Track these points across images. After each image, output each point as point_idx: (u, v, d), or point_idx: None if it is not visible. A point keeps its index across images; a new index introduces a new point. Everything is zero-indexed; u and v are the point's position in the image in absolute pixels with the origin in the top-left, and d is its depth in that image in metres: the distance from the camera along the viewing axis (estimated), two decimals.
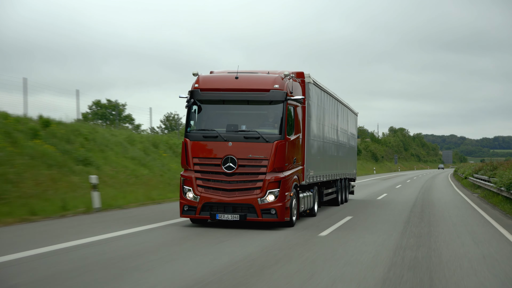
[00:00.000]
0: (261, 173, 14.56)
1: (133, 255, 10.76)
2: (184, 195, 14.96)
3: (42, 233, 13.38)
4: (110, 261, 10.13)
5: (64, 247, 11.38)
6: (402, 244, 12.72)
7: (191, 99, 15.12)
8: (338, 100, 22.61)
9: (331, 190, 21.61)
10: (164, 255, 10.77)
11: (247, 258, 10.66)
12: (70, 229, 13.99)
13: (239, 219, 14.53)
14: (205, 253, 11.06)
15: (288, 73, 15.13)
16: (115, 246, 11.68)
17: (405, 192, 34.60)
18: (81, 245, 11.69)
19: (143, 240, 12.64)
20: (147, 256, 10.63)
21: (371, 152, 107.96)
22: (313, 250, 11.80)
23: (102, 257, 10.44)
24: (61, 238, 12.35)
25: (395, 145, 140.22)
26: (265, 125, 15.10)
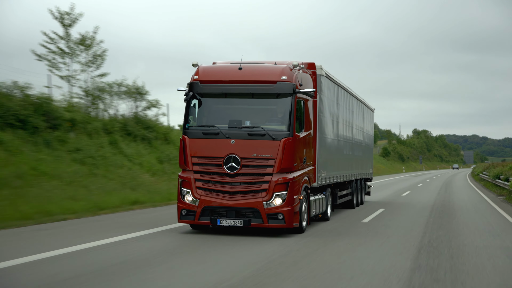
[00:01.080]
0: (267, 174, 13.12)
1: (123, 267, 9.38)
2: (182, 198, 13.55)
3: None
4: (103, 272, 8.91)
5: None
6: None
7: (190, 92, 13.70)
8: (353, 95, 21.10)
9: (345, 192, 20.11)
10: (156, 268, 9.38)
11: (243, 272, 9.23)
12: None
13: (242, 225, 13.10)
14: (195, 271, 9.64)
15: (297, 63, 13.66)
16: (105, 255, 10.31)
17: (434, 183, 49.93)
18: (68, 254, 10.34)
19: (133, 249, 11.24)
20: (136, 268, 9.25)
21: (398, 154, 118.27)
22: (324, 261, 10.33)
23: (93, 267, 9.11)
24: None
25: (419, 146, 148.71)
26: (271, 121, 13.65)
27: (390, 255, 11.20)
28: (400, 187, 41.78)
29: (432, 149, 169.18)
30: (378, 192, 33.25)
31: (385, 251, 11.67)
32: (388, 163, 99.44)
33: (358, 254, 11.28)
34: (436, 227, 15.86)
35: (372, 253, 11.34)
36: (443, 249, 12.07)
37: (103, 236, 12.55)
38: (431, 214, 20.00)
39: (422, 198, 29.09)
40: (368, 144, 25.32)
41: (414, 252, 11.59)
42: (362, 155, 23.38)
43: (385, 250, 11.78)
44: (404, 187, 41.03)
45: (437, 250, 11.91)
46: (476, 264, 10.56)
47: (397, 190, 37.14)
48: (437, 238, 13.71)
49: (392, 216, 19.02)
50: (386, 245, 12.45)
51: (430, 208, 22.91)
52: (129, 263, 9.85)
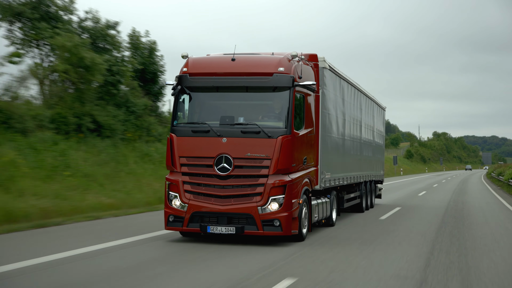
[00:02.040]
0: (262, 175, 11.83)
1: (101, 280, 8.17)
2: (169, 202, 12.29)
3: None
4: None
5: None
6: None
7: (178, 85, 12.45)
8: (362, 92, 19.75)
9: (353, 195, 18.76)
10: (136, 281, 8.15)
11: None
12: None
13: (235, 232, 11.81)
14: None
15: (296, 54, 12.36)
16: (84, 267, 9.09)
17: (455, 180, 61.78)
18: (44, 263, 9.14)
19: (115, 259, 10.00)
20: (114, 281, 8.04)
21: (420, 155, 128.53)
22: (324, 278, 9.04)
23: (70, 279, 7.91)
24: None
25: (439, 148, 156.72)
26: (267, 117, 12.37)
27: (399, 269, 9.88)
28: (429, 182, 55.40)
29: (452, 151, 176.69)
30: (409, 187, 42.46)
31: (394, 266, 10.34)
32: (412, 164, 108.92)
33: (362, 266, 9.95)
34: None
35: (377, 266, 10.02)
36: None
37: (80, 245, 11.33)
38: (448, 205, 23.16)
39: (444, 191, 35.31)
40: (378, 144, 23.92)
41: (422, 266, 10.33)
42: (372, 155, 22.01)
43: (394, 265, 10.45)
44: (432, 182, 55.06)
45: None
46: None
47: (428, 183, 51.10)
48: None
49: (407, 217, 17.65)
50: (396, 256, 11.12)
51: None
52: (100, 276, 8.63)
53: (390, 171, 73.17)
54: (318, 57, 14.09)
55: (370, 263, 10.19)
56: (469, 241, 13.26)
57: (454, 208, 22.85)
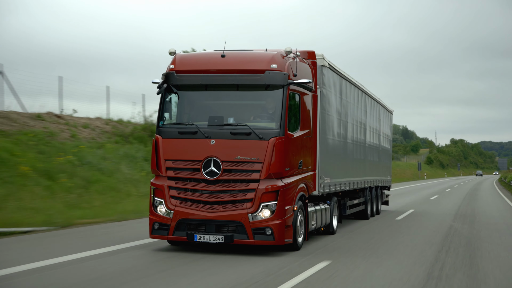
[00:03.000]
0: (252, 180, 10.97)
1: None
2: (154, 209, 11.46)
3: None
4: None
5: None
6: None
7: (164, 84, 11.64)
8: (367, 93, 18.86)
9: (357, 201, 17.83)
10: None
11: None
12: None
13: (223, 241, 10.95)
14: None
15: (290, 50, 11.51)
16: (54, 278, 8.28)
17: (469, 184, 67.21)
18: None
19: (93, 268, 9.18)
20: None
21: (439, 161, 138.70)
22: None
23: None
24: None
25: (456, 154, 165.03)
26: (259, 117, 11.53)
27: (399, 283, 9.00)
28: (450, 184, 65.63)
29: (469, 157, 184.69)
30: (429, 189, 47.92)
31: (392, 280, 9.45)
32: (432, 170, 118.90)
33: (358, 281, 9.06)
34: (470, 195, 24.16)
35: (374, 281, 9.14)
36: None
37: (63, 253, 10.52)
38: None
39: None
40: (385, 148, 22.98)
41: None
42: (377, 160, 21.07)
43: (392, 278, 9.56)
44: (452, 184, 64.96)
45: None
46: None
47: (451, 184, 63.62)
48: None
49: (421, 219, 16.72)
50: (397, 271, 10.22)
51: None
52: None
53: (415, 176, 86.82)
54: (316, 54, 13.23)
55: (366, 278, 9.30)
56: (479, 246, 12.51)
57: (469, 198, 31.36)
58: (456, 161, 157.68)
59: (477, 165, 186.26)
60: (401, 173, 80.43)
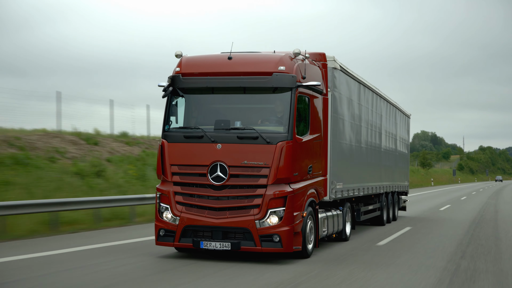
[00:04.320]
0: (260, 185, 10.66)
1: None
2: (160, 215, 11.20)
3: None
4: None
5: None
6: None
7: (170, 87, 11.39)
8: (382, 97, 18.46)
9: (372, 207, 17.43)
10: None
11: None
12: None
13: (230, 248, 10.66)
14: None
15: (299, 52, 11.20)
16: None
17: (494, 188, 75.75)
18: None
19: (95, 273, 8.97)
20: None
21: (469, 167, 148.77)
22: None
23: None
24: None
25: (484, 161, 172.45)
26: (267, 121, 11.23)
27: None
28: (481, 186, 79.62)
29: (496, 163, 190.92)
30: (468, 189, 61.68)
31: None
32: (463, 175, 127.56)
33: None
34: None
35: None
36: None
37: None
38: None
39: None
40: (402, 153, 22.52)
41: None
42: (394, 165, 20.64)
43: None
44: (483, 186, 77.91)
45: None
46: None
47: (482, 186, 76.17)
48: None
49: (432, 229, 16.33)
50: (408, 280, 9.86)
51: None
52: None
53: (450, 180, 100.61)
54: (327, 56, 12.90)
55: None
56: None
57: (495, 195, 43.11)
58: (485, 167, 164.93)
59: (504, 171, 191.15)
60: (439, 178, 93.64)
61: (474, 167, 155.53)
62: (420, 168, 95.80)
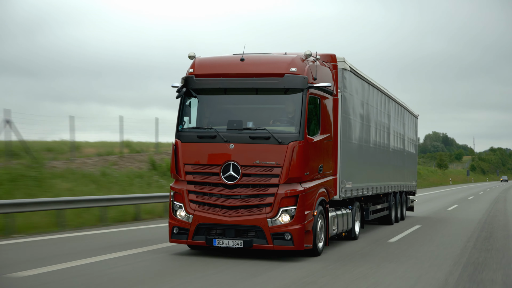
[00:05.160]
0: (272, 184, 10.89)
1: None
2: (174, 213, 11.45)
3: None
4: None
5: None
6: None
7: (184, 87, 11.62)
8: (390, 97, 18.64)
9: (380, 206, 17.62)
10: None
11: None
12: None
13: (242, 246, 10.89)
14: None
15: (310, 53, 11.42)
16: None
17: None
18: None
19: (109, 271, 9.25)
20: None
21: (481, 168, 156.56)
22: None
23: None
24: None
25: (495, 162, 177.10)
26: (279, 121, 11.45)
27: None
28: (493, 185, 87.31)
29: (507, 164, 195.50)
30: (482, 187, 71.72)
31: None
32: (475, 175, 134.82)
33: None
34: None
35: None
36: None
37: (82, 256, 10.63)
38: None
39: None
40: (410, 153, 22.69)
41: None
42: (402, 165, 20.82)
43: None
44: (495, 185, 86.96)
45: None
46: None
47: (494, 185, 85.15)
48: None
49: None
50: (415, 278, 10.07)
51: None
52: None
53: (464, 180, 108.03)
54: (337, 57, 13.11)
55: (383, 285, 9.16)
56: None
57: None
58: (495, 168, 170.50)
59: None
60: (454, 178, 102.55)
61: (485, 168, 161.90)
62: (437, 169, 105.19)
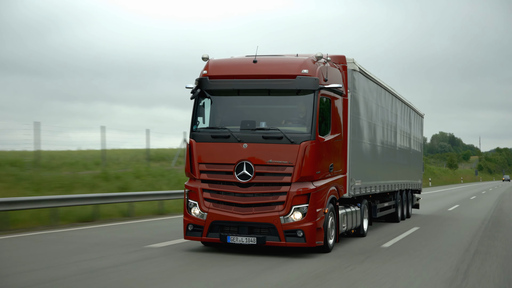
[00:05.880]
0: (284, 183, 11.20)
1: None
2: (188, 211, 11.76)
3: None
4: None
5: None
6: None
7: (198, 88, 11.94)
8: (397, 97, 18.94)
9: (387, 204, 17.93)
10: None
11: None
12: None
13: (256, 243, 11.21)
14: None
15: (321, 55, 11.72)
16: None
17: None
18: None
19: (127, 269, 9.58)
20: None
21: (487, 168, 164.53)
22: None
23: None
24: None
25: (501, 162, 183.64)
26: (291, 122, 11.76)
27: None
28: (500, 184, 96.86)
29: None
30: (489, 185, 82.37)
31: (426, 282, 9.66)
32: (482, 175, 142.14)
33: (388, 283, 9.24)
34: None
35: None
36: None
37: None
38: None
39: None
40: (416, 152, 22.99)
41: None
42: (408, 163, 21.12)
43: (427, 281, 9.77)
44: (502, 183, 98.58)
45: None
46: None
47: (500, 184, 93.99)
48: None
49: (444, 227, 16.88)
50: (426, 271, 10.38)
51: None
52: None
53: (473, 179, 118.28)
54: (346, 58, 13.41)
55: (396, 281, 9.46)
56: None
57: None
58: (501, 168, 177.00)
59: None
60: (464, 177, 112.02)
61: (491, 168, 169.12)
62: (448, 169, 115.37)
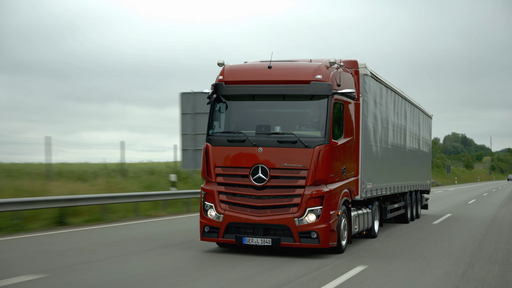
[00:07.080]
0: (299, 186, 11.51)
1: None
2: (205, 213, 12.08)
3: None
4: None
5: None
6: None
7: (214, 94, 12.25)
8: (406, 99, 19.19)
9: (397, 205, 18.20)
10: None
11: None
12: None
13: (271, 244, 11.52)
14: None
15: (334, 61, 12.01)
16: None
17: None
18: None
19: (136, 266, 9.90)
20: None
21: (500, 168, 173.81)
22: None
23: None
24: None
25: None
26: (305, 126, 12.06)
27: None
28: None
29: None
30: (502, 183, 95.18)
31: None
32: (495, 174, 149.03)
33: (402, 284, 9.52)
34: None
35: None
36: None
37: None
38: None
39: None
40: (425, 153, 23.24)
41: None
42: (417, 165, 21.37)
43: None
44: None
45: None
46: None
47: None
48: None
49: (457, 224, 17.12)
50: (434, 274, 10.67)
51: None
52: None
53: (487, 178, 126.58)
54: (358, 63, 13.69)
55: (410, 283, 9.75)
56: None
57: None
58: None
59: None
60: (480, 176, 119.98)
61: (503, 168, 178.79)
62: (465, 169, 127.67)
